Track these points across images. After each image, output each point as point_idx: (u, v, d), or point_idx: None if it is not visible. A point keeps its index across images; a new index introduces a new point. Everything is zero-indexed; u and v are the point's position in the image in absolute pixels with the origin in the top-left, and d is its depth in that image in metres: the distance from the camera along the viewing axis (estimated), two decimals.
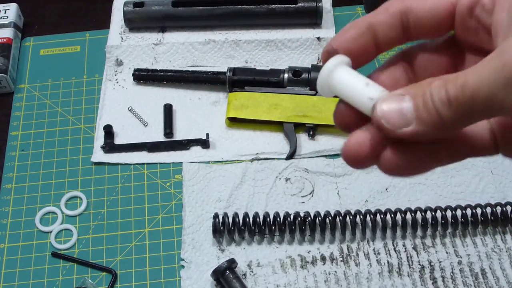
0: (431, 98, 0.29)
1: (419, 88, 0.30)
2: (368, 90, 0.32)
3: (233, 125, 0.74)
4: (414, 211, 0.63)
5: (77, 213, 0.68)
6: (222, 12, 0.81)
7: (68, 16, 0.88)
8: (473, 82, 0.28)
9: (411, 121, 0.30)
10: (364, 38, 0.35)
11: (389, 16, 0.35)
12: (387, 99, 0.31)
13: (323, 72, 0.34)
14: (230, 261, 0.58)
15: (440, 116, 0.29)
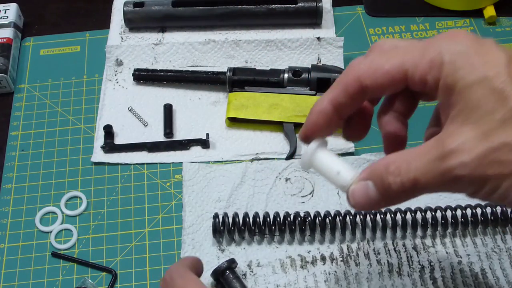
0: (389, 187, 0.38)
1: (378, 172, 0.39)
2: (339, 178, 0.42)
3: (233, 125, 0.74)
4: (414, 211, 0.63)
5: (77, 213, 0.68)
6: (222, 12, 0.81)
7: (68, 16, 0.88)
8: (423, 181, 0.36)
9: (378, 203, 0.40)
10: (329, 118, 0.42)
11: (347, 96, 0.41)
12: (356, 188, 0.40)
13: (303, 158, 0.43)
14: (230, 261, 0.58)
15: (399, 199, 0.39)
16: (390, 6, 0.87)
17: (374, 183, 0.39)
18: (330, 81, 0.73)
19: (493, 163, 0.35)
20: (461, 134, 0.36)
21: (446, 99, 0.37)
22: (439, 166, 0.36)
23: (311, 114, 0.43)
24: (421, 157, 0.37)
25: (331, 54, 0.79)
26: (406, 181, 0.37)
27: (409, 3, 0.87)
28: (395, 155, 0.38)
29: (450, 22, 0.84)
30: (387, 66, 0.39)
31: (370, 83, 0.40)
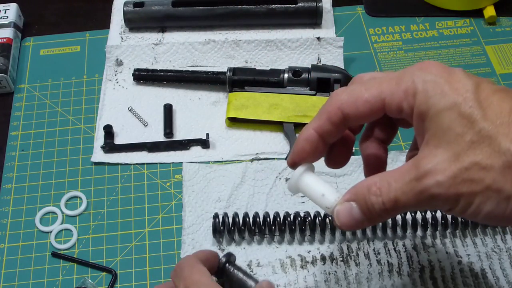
0: (373, 207, 0.41)
1: (361, 193, 0.42)
2: (324, 200, 0.45)
3: (233, 125, 0.74)
4: (414, 211, 0.63)
5: (77, 213, 0.68)
6: (222, 12, 0.81)
7: (68, 16, 0.88)
8: (403, 200, 0.40)
9: (362, 223, 0.42)
10: (315, 145, 0.45)
11: (331, 125, 0.44)
12: (340, 209, 0.43)
13: (291, 181, 0.46)
14: (228, 255, 0.55)
15: (381, 217, 0.42)
16: (390, 6, 0.87)
17: (357, 203, 0.42)
18: (330, 81, 0.72)
19: (465, 182, 0.38)
20: (435, 156, 0.39)
21: (420, 125, 0.40)
22: (416, 186, 0.39)
23: (298, 142, 0.46)
24: (400, 178, 0.40)
25: (331, 54, 0.79)
26: (387, 201, 0.40)
27: (409, 3, 0.87)
28: (376, 177, 0.41)
29: (450, 22, 0.84)
30: (366, 95, 0.42)
31: (351, 111, 0.43)
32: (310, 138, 0.45)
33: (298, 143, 0.46)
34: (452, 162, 0.38)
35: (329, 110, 0.44)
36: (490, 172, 0.38)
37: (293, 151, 0.46)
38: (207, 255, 0.49)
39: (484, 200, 0.38)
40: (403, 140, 0.72)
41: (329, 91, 0.73)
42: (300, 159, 0.46)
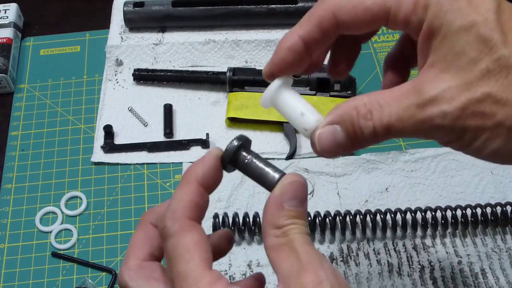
0: (361, 132, 0.36)
1: (347, 115, 0.36)
2: (303, 120, 0.38)
3: (233, 125, 0.74)
4: (414, 211, 0.63)
5: (77, 213, 0.68)
6: (222, 12, 0.81)
7: (68, 16, 0.88)
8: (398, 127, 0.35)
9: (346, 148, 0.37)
10: (299, 55, 0.39)
11: (321, 33, 0.38)
12: (322, 132, 0.37)
13: (265, 95, 0.39)
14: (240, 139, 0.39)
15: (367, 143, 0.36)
16: None
17: (342, 127, 0.36)
18: (330, 81, 0.73)
19: (475, 115, 0.33)
20: (442, 81, 0.34)
21: (426, 43, 0.35)
22: (417, 113, 0.34)
23: (279, 50, 0.39)
24: (395, 101, 0.35)
25: None
26: (379, 126, 0.35)
27: None
28: (365, 97, 0.36)
29: None
30: (369, 2, 0.36)
31: (347, 19, 0.37)
32: (294, 46, 0.38)
33: (279, 52, 0.39)
34: (462, 91, 0.33)
35: (320, 14, 0.38)
36: (504, 107, 0.33)
37: (272, 60, 0.39)
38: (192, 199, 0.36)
39: (493, 136, 0.34)
40: (403, 140, 0.72)
41: (329, 91, 0.73)
42: (279, 70, 0.39)
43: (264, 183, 0.38)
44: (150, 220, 0.40)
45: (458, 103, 0.33)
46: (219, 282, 0.33)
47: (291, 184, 0.36)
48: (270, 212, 0.35)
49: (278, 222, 0.35)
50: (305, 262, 0.33)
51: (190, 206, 0.36)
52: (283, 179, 0.36)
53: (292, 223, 0.35)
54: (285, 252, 0.34)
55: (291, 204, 0.35)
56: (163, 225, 0.36)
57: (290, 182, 0.36)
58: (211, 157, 0.38)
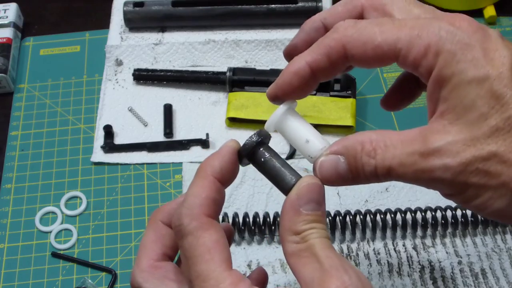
0: (362, 168, 0.35)
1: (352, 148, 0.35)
2: (308, 147, 0.38)
3: (233, 125, 0.74)
4: (414, 211, 0.63)
5: (77, 213, 0.68)
6: (222, 12, 0.81)
7: (68, 16, 0.88)
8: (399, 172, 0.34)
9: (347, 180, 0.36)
10: (305, 81, 0.38)
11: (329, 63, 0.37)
12: (325, 160, 0.36)
13: (272, 118, 0.38)
14: (260, 135, 0.39)
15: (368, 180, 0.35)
16: None
17: (346, 159, 0.35)
18: (330, 81, 0.72)
19: (479, 172, 0.33)
20: (448, 133, 0.33)
21: (436, 91, 0.35)
22: (419, 162, 0.33)
23: (285, 74, 0.38)
24: (401, 145, 0.34)
25: None
26: (381, 168, 0.34)
27: None
28: (373, 134, 0.35)
29: None
30: (380, 39, 0.35)
31: (356, 53, 0.36)
32: (301, 72, 0.38)
33: (285, 75, 0.38)
34: (467, 146, 0.32)
35: (331, 44, 0.37)
36: (510, 167, 0.32)
37: (277, 82, 0.39)
38: (209, 195, 0.36)
39: (496, 196, 0.33)
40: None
41: (329, 91, 0.73)
42: (284, 94, 0.39)
43: (279, 185, 0.38)
44: (160, 218, 0.40)
45: (462, 158, 0.33)
46: (241, 284, 0.33)
47: (307, 187, 0.35)
48: (287, 217, 0.35)
49: (296, 227, 0.34)
50: (327, 267, 0.32)
51: (208, 202, 0.35)
52: (299, 182, 0.36)
53: (310, 227, 0.34)
54: (306, 258, 0.33)
55: (308, 208, 0.35)
56: (179, 222, 0.35)
57: (306, 185, 0.35)
58: (229, 150, 0.37)
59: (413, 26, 0.35)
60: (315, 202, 0.35)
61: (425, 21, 0.35)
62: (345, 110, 0.71)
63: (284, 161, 0.38)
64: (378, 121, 0.74)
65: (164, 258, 0.39)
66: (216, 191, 0.36)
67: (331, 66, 0.37)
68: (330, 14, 0.40)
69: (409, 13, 0.37)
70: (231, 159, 0.37)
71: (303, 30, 0.41)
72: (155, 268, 0.38)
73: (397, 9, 0.38)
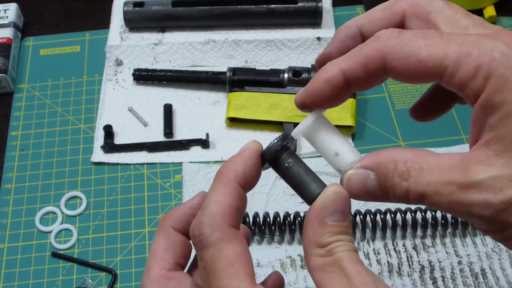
0: (393, 189, 0.32)
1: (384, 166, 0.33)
2: (336, 161, 0.35)
3: (233, 125, 0.74)
4: (414, 211, 0.63)
5: (77, 213, 0.68)
6: (222, 12, 0.81)
7: (68, 16, 0.88)
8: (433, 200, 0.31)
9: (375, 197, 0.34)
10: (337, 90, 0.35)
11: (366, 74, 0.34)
12: (354, 175, 0.34)
13: (301, 127, 0.36)
14: (284, 139, 0.36)
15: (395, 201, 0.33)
16: None
17: (377, 176, 0.33)
18: None
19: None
20: (493, 166, 0.30)
21: (482, 117, 0.31)
22: (457, 194, 0.30)
23: (316, 81, 0.35)
24: (438, 171, 0.31)
25: None
26: (413, 191, 0.32)
27: None
28: (409, 153, 0.32)
29: None
30: (424, 53, 0.32)
31: (397, 66, 0.33)
32: (334, 80, 0.34)
33: (316, 83, 0.35)
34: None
35: (370, 54, 0.33)
36: None
37: (306, 89, 0.36)
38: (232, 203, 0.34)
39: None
40: (403, 140, 0.72)
41: None
42: (313, 103, 0.35)
43: (302, 193, 0.35)
44: (171, 224, 0.37)
45: (505, 196, 0.29)
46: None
47: (333, 196, 0.33)
48: (312, 229, 0.33)
49: (322, 239, 0.32)
50: (357, 284, 0.30)
51: (230, 211, 0.33)
52: (324, 191, 0.34)
53: (337, 240, 0.32)
54: (333, 273, 0.31)
55: (334, 219, 0.33)
56: (199, 232, 0.32)
57: (332, 194, 0.33)
58: (252, 153, 0.35)
59: (463, 43, 0.31)
60: (341, 213, 0.33)
61: (477, 38, 0.31)
62: (345, 110, 0.71)
63: (309, 168, 0.36)
64: (378, 121, 0.74)
65: (176, 268, 0.37)
66: (239, 199, 0.34)
67: (368, 77, 0.34)
68: (368, 20, 0.37)
69: (457, 23, 0.34)
70: (255, 163, 0.35)
71: (337, 38, 0.38)
72: (167, 279, 0.36)
73: (443, 19, 0.35)
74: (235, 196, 0.34)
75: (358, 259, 0.32)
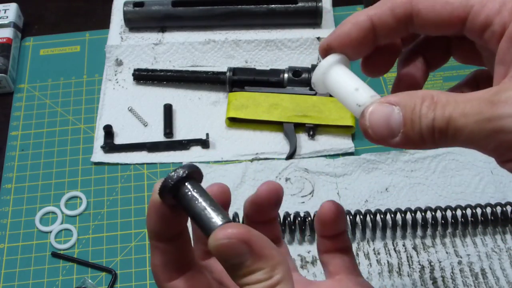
0: (419, 120, 0.31)
1: (411, 100, 0.31)
2: (357, 95, 0.34)
3: (233, 125, 0.74)
4: (414, 211, 0.63)
5: (77, 213, 0.68)
6: (222, 12, 0.81)
7: (68, 16, 0.88)
8: (459, 123, 0.29)
9: (397, 135, 0.32)
10: (364, 34, 0.35)
11: (393, 18, 0.35)
12: (377, 108, 0.32)
13: (318, 70, 0.35)
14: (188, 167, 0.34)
15: (422, 139, 0.31)
16: None
17: (402, 110, 0.31)
18: None
19: None
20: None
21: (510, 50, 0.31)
22: (485, 110, 0.29)
23: (344, 24, 0.36)
24: (466, 100, 0.30)
25: None
26: (439, 118, 0.30)
27: None
28: (435, 91, 0.31)
29: None
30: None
31: (424, 9, 0.33)
32: (361, 23, 0.35)
33: (343, 25, 0.36)
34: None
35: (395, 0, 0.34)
36: None
37: (334, 32, 0.36)
38: None
39: None
40: None
41: None
42: (339, 45, 0.36)
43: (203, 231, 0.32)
44: None
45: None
46: None
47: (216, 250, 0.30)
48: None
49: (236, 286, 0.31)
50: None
51: (160, 269, 0.36)
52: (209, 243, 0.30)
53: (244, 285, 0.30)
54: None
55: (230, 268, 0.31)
56: None
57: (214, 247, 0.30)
58: (152, 206, 0.35)
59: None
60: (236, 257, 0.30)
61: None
62: (345, 110, 0.71)
63: (212, 200, 0.32)
64: None
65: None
66: (162, 254, 0.35)
67: (394, 23, 0.35)
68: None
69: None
70: (158, 215, 0.35)
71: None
72: None
73: None
74: (158, 253, 0.36)
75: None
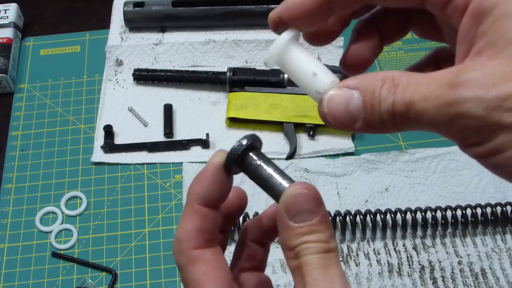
0: (379, 104, 0.29)
1: (370, 83, 0.29)
2: (316, 81, 0.32)
3: (233, 125, 0.74)
4: (414, 211, 0.63)
5: (77, 213, 0.68)
6: (222, 12, 0.81)
7: (68, 16, 0.88)
8: (419, 107, 0.28)
9: (357, 120, 0.30)
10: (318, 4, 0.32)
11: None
12: (336, 93, 0.30)
13: (272, 49, 0.32)
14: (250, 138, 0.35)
15: (383, 123, 0.30)
16: None
17: (361, 93, 0.30)
18: None
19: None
20: (485, 66, 0.27)
21: (472, 27, 0.29)
22: (446, 93, 0.27)
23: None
24: (427, 82, 0.28)
25: (331, 54, 0.79)
26: (399, 101, 0.29)
27: None
28: (396, 72, 0.30)
29: None
30: None
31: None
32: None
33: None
34: (507, 80, 0.27)
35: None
36: None
37: (285, 3, 0.32)
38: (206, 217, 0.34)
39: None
40: (403, 140, 0.72)
41: None
42: (290, 18, 0.32)
43: (271, 194, 0.33)
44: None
45: (499, 91, 0.26)
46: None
47: (292, 199, 0.31)
48: (280, 233, 0.32)
49: (289, 243, 0.31)
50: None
51: (193, 234, 0.33)
52: (284, 193, 0.31)
53: (303, 242, 0.30)
54: (298, 277, 0.30)
55: (299, 220, 0.31)
56: (174, 257, 0.34)
57: (290, 196, 0.31)
58: (210, 169, 0.34)
59: None
60: (307, 212, 0.31)
61: None
62: None
63: (276, 166, 0.33)
64: None
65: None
66: (202, 219, 0.34)
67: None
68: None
69: None
70: (215, 179, 0.34)
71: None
72: None
73: None
74: (197, 218, 0.34)
75: (323, 263, 0.30)
